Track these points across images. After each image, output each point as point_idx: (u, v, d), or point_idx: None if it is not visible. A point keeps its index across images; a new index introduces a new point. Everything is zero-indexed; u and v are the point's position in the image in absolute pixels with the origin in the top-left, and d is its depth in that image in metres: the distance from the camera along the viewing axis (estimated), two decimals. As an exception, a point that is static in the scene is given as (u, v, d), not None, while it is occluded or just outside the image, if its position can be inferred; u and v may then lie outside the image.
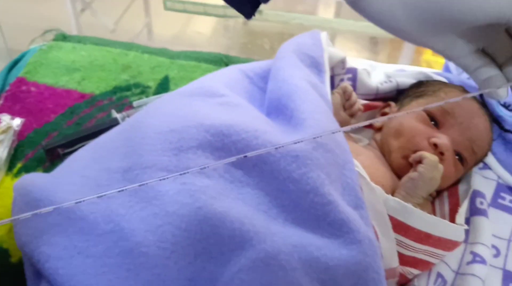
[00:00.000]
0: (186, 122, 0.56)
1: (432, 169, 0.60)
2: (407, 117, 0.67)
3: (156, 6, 1.60)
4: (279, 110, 0.62)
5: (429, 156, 0.61)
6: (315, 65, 0.69)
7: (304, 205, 0.50)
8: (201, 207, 0.47)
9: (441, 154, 0.63)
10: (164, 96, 0.66)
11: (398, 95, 0.78)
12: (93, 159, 0.57)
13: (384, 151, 0.69)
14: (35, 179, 0.57)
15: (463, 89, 0.71)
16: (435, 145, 0.63)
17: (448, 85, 0.73)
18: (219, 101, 0.61)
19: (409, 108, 0.70)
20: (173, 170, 0.51)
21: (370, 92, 0.79)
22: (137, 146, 0.54)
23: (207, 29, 1.37)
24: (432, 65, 1.23)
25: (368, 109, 0.77)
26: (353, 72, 0.80)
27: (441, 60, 1.47)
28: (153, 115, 0.59)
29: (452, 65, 0.80)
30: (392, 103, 0.74)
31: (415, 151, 0.63)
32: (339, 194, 0.53)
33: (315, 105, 0.60)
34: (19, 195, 0.56)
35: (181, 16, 1.37)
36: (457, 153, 0.65)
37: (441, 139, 0.63)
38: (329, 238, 0.50)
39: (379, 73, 0.86)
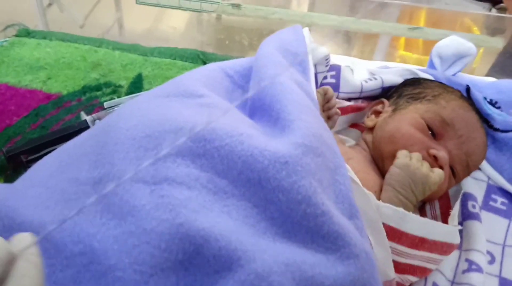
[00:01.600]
0: (162, 126, 0.51)
1: (406, 157, 0.58)
2: (404, 123, 0.63)
3: (127, 1, 1.53)
4: (263, 111, 0.57)
5: (401, 151, 0.59)
6: (298, 62, 0.65)
7: (296, 217, 0.46)
8: (183, 223, 0.42)
9: (440, 167, 0.60)
10: (138, 96, 0.61)
11: (384, 93, 0.75)
12: (59, 168, 0.51)
13: (376, 155, 0.65)
14: None
15: (461, 95, 0.68)
16: (434, 157, 0.60)
17: (447, 89, 0.69)
18: (198, 102, 0.56)
19: (406, 112, 0.65)
20: (149, 182, 0.46)
21: (354, 90, 0.76)
22: (108, 154, 0.49)
23: (181, 24, 1.32)
24: (407, 61, 1.22)
25: (354, 111, 0.74)
26: (336, 69, 0.76)
27: (416, 56, 1.46)
28: (126, 118, 0.54)
29: (437, 62, 0.78)
30: (386, 101, 0.70)
31: None
32: (332, 202, 0.49)
33: (302, 105, 0.56)
34: None
35: (153, 10, 1.31)
36: (451, 166, 0.62)
37: (441, 152, 0.60)
38: (324, 253, 0.45)
39: (362, 70, 0.83)
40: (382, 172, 0.63)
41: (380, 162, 0.64)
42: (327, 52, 0.72)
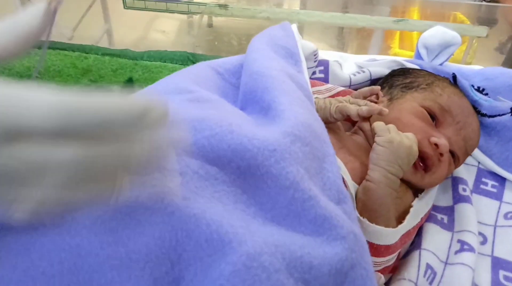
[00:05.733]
0: None
1: (385, 131, 0.58)
2: (405, 112, 0.64)
3: (115, 11, 1.54)
4: (254, 103, 0.58)
5: (377, 123, 0.59)
6: (290, 56, 0.66)
7: (284, 202, 0.47)
8: (174, 211, 0.43)
9: (440, 155, 0.60)
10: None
11: (373, 85, 0.76)
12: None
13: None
14: None
15: (450, 82, 0.69)
16: (436, 145, 0.60)
17: (437, 77, 0.70)
18: (188, 97, 0.57)
19: (404, 101, 0.66)
20: (142, 172, 0.46)
21: (343, 84, 0.77)
22: None
23: (170, 29, 1.33)
24: (400, 58, 1.22)
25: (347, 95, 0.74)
26: (325, 64, 0.78)
27: (409, 53, 1.47)
28: None
29: (423, 52, 0.79)
30: (380, 92, 0.70)
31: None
32: (320, 189, 0.50)
33: (293, 96, 0.57)
34: None
35: (142, 19, 1.32)
36: (451, 152, 0.63)
37: (442, 140, 0.60)
38: (311, 235, 0.46)
39: (350, 64, 0.84)
40: None
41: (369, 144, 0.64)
42: (315, 47, 0.73)
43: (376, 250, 0.53)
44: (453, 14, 1.41)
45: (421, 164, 0.61)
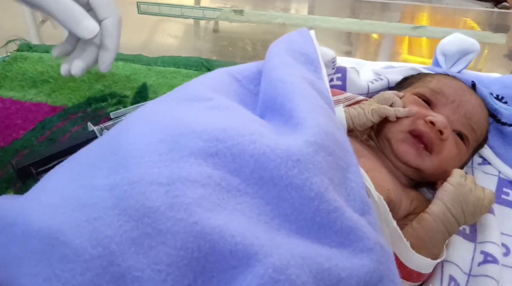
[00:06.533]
0: (174, 130, 0.51)
1: (461, 177, 0.58)
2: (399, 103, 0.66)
3: (123, 14, 1.53)
4: (274, 110, 0.57)
5: (456, 170, 0.60)
6: (309, 62, 0.65)
7: (308, 213, 0.46)
8: (197, 222, 0.42)
9: (440, 133, 0.61)
10: (146, 104, 0.61)
11: (390, 93, 0.75)
12: (72, 177, 0.51)
13: (383, 145, 0.65)
14: (7, 203, 0.51)
15: (448, 75, 0.71)
16: (432, 123, 0.61)
17: (434, 74, 0.73)
18: (207, 105, 0.56)
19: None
20: (164, 182, 0.45)
21: (361, 91, 0.76)
22: (123, 160, 0.49)
23: (176, 34, 1.33)
24: (411, 64, 1.22)
25: None
26: (342, 71, 0.77)
27: (420, 59, 1.46)
28: (136, 125, 0.54)
29: (441, 59, 0.78)
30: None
31: (411, 131, 0.62)
32: (344, 199, 0.49)
33: (314, 104, 0.56)
34: None
35: (149, 23, 1.31)
36: (457, 133, 0.63)
37: (437, 116, 0.62)
38: (337, 248, 0.45)
39: (367, 71, 0.84)
40: (393, 165, 0.63)
41: (388, 148, 0.64)
42: (333, 54, 0.72)
43: (408, 273, 0.52)
44: (463, 20, 1.40)
45: (421, 144, 0.61)
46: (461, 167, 0.67)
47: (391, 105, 0.67)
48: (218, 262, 0.42)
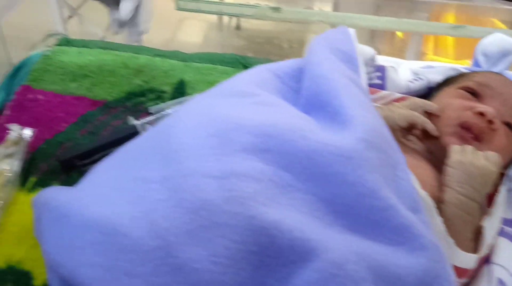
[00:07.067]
0: (224, 125, 0.51)
1: (457, 152, 0.58)
2: (444, 98, 0.66)
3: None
4: (319, 107, 0.58)
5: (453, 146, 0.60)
6: (349, 60, 0.65)
7: (362, 210, 0.46)
8: (255, 216, 0.43)
9: (489, 122, 0.61)
10: (193, 99, 0.62)
11: (430, 93, 0.75)
12: (123, 169, 0.52)
13: (430, 143, 0.64)
14: (60, 194, 0.52)
15: (492, 71, 0.71)
16: (481, 114, 0.61)
17: (478, 71, 0.73)
18: (254, 100, 0.57)
19: (441, 93, 0.69)
20: (218, 176, 0.46)
21: (401, 91, 0.76)
22: (174, 153, 0.49)
23: (198, 30, 1.33)
24: (435, 65, 1.21)
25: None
26: (381, 70, 0.77)
27: (446, 59, 1.45)
28: (186, 119, 0.54)
29: (482, 60, 0.77)
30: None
31: (461, 124, 0.61)
32: (396, 197, 0.49)
33: (360, 100, 0.56)
34: (43, 212, 0.51)
35: (170, 19, 1.32)
36: (506, 124, 0.63)
37: (486, 107, 0.61)
38: (393, 245, 0.46)
39: (405, 70, 0.83)
40: (440, 161, 0.62)
41: (438, 147, 0.63)
42: (373, 52, 0.72)
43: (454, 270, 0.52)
44: (491, 21, 1.38)
45: (470, 134, 0.61)
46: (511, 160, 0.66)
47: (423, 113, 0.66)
48: (276, 256, 0.42)
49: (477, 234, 0.58)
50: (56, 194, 0.52)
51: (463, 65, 0.78)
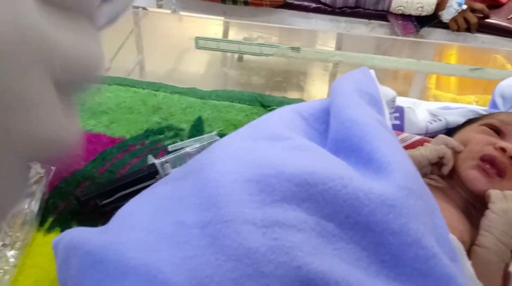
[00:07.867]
0: (261, 170, 0.51)
1: (501, 199, 0.57)
2: (467, 133, 0.68)
3: (148, 44, 1.56)
4: (350, 151, 0.57)
5: (493, 191, 0.59)
6: (374, 103, 0.65)
7: (407, 260, 0.46)
8: (301, 266, 0.42)
9: (510, 158, 0.61)
10: (223, 140, 0.61)
11: (449, 135, 0.75)
12: (157, 212, 0.51)
13: (453, 179, 0.64)
14: (91, 237, 0.51)
15: None
16: (502, 150, 0.61)
17: (500, 111, 0.73)
18: (287, 144, 0.56)
19: (463, 131, 0.70)
20: (259, 224, 0.45)
21: (420, 132, 0.76)
22: (211, 198, 0.49)
23: (201, 62, 1.34)
24: (439, 99, 1.23)
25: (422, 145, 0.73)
26: (400, 111, 0.77)
27: (449, 95, 1.47)
28: (220, 161, 0.53)
29: (500, 102, 0.78)
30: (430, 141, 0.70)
31: (483, 157, 0.61)
32: (437, 245, 0.48)
33: (392, 145, 0.56)
34: (72, 257, 0.49)
35: (173, 51, 1.33)
36: None
37: (508, 143, 0.62)
38: None
39: (422, 111, 0.84)
40: (463, 198, 0.62)
41: (459, 183, 0.63)
42: (394, 94, 0.73)
43: None
44: (493, 57, 1.42)
45: (492, 169, 0.61)
46: None
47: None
48: None
49: (505, 280, 0.57)
50: (86, 237, 0.51)
51: (482, 107, 0.79)
